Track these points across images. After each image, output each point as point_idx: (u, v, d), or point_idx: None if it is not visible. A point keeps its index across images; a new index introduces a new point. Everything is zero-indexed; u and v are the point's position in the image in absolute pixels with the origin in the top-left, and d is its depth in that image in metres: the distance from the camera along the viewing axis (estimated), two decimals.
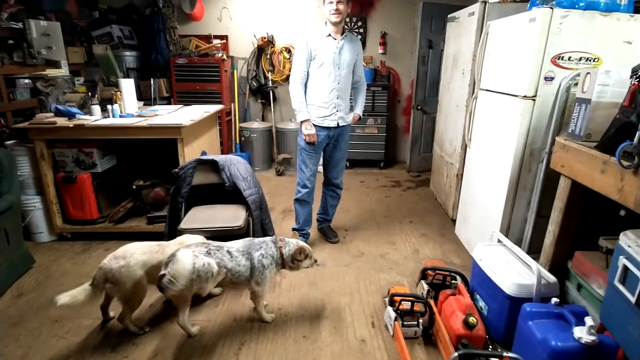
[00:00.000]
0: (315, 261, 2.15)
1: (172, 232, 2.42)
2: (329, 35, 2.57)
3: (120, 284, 1.87)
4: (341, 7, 2.47)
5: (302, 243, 2.11)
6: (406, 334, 1.95)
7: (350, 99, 2.82)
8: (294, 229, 2.95)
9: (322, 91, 2.63)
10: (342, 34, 2.61)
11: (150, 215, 2.99)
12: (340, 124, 2.71)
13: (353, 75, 2.73)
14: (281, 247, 2.06)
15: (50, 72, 3.38)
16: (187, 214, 2.48)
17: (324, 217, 3.08)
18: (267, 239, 2.09)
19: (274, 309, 2.23)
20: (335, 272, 2.63)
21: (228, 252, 1.93)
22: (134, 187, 3.06)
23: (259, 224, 2.59)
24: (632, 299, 1.30)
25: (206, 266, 1.81)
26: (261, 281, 1.99)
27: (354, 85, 2.80)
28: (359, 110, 2.85)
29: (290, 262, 2.06)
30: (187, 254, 1.80)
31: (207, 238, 2.30)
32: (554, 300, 1.65)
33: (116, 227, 2.98)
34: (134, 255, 1.90)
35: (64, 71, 3.56)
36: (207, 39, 4.92)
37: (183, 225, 2.34)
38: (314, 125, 2.66)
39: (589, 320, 1.45)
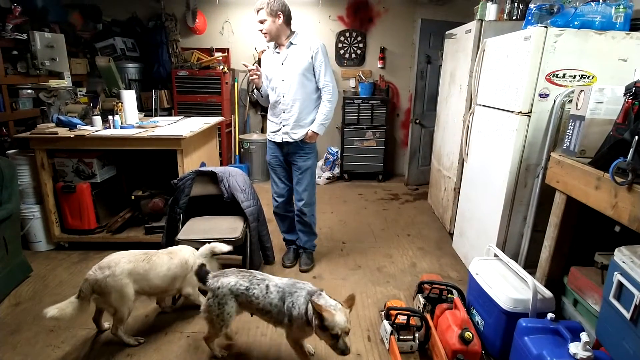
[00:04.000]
0: (342, 349, 1.55)
1: (170, 243, 2.42)
2: (274, 50, 2.57)
3: (106, 294, 1.86)
4: (265, 27, 2.40)
5: (338, 307, 1.59)
6: (402, 349, 1.94)
7: None
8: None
9: (271, 106, 2.64)
10: (288, 44, 2.51)
11: (148, 226, 3.00)
12: (284, 140, 2.59)
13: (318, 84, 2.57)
14: (313, 301, 1.59)
15: (53, 83, 3.42)
16: (184, 224, 2.49)
17: (296, 240, 2.93)
18: (305, 286, 1.73)
19: None
20: (332, 284, 2.62)
21: (267, 286, 1.74)
22: (133, 197, 3.07)
23: (256, 236, 2.59)
24: (627, 315, 1.30)
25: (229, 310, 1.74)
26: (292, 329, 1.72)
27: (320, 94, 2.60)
28: (314, 126, 2.53)
29: (315, 323, 1.58)
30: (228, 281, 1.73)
31: None
32: (550, 315, 1.65)
33: (114, 237, 2.98)
34: (119, 264, 1.89)
35: (66, 82, 3.60)
36: (209, 51, 5.00)
37: (180, 236, 2.34)
38: (269, 140, 2.71)
39: (584, 337, 1.44)
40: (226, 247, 2.16)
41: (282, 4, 2.41)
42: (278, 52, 2.55)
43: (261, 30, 2.44)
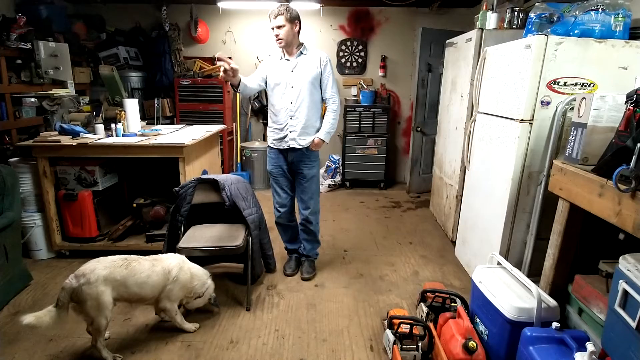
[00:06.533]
0: None
1: (171, 251, 2.40)
2: (282, 57, 2.58)
3: (82, 302, 1.82)
4: (281, 32, 2.43)
5: None
6: (405, 358, 1.91)
7: None
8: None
9: (277, 112, 2.62)
10: (298, 53, 2.56)
11: (150, 234, 2.99)
12: (291, 146, 2.59)
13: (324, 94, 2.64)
14: None
15: (57, 91, 3.45)
16: (186, 232, 2.48)
17: (299, 249, 2.94)
18: None
19: (271, 331, 2.20)
20: (334, 293, 2.60)
21: None
22: (134, 205, 3.07)
23: (257, 244, 2.59)
24: (633, 324, 1.28)
25: None
26: None
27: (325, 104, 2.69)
28: (321, 134, 2.58)
29: None
30: None
31: (205, 257, 2.29)
32: (555, 324, 1.63)
33: (115, 245, 2.97)
34: (95, 271, 1.85)
35: (70, 91, 3.63)
36: (211, 60, 5.03)
37: (182, 244, 2.33)
38: (271, 147, 2.69)
39: (590, 346, 1.42)
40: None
41: (297, 12, 2.49)
42: (288, 60, 2.58)
43: (277, 36, 2.46)
